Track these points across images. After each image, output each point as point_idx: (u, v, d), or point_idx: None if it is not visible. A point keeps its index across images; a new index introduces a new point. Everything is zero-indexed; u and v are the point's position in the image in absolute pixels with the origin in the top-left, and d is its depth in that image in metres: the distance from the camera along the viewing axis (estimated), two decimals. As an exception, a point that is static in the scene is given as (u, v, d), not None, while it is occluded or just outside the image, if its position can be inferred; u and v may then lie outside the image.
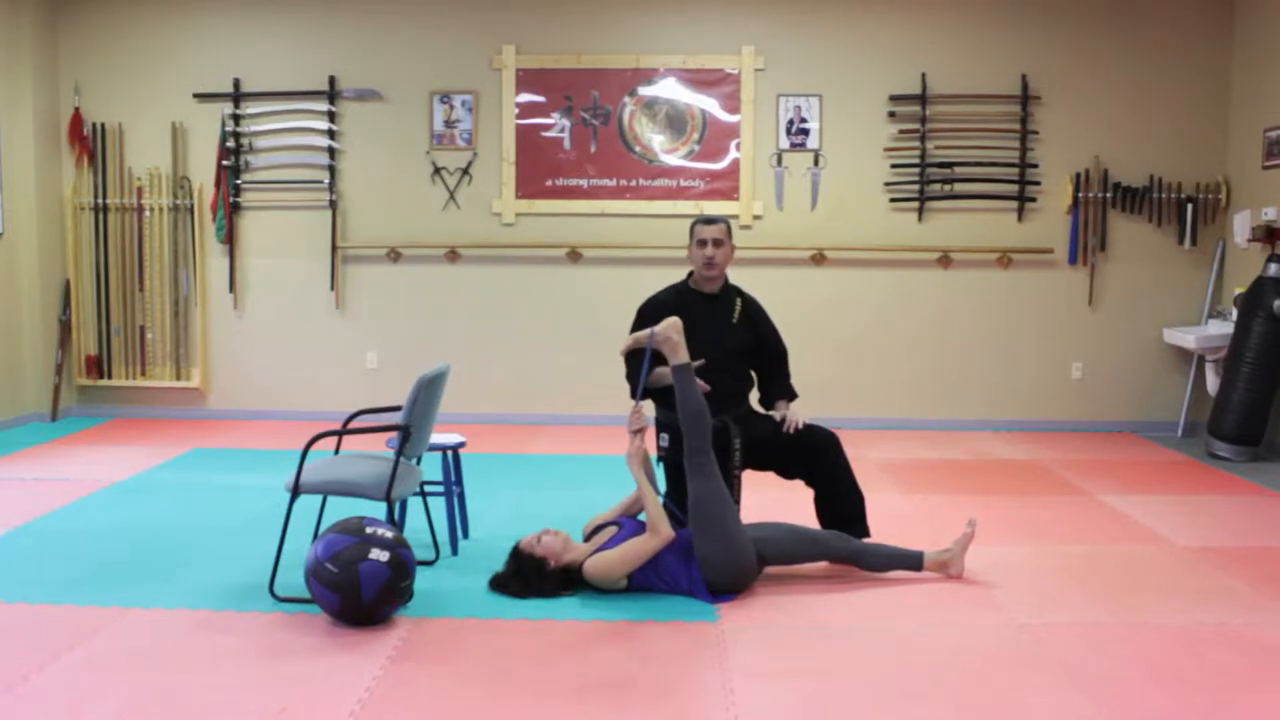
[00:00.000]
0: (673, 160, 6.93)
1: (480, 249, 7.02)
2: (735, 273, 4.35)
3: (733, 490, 3.87)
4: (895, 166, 6.88)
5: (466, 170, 7.00)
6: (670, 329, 3.75)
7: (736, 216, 6.82)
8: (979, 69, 6.82)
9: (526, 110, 6.96)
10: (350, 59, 6.97)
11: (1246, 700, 2.86)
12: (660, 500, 3.68)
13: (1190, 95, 6.80)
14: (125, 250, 7.12)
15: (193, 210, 7.07)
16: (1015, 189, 6.85)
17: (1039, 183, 6.86)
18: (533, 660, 3.09)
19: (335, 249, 7.04)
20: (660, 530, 3.57)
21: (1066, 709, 2.80)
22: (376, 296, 7.11)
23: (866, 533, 4.03)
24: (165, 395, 7.22)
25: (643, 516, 3.73)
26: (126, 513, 4.72)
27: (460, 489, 4.32)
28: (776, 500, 4.39)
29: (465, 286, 7.06)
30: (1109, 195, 6.83)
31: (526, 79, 6.94)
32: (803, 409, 4.20)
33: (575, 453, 6.18)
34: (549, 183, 6.98)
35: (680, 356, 3.73)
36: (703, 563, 3.58)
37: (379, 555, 3.27)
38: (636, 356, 3.91)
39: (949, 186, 6.87)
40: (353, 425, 3.88)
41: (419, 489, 4.05)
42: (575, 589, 3.63)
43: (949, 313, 6.96)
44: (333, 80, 6.97)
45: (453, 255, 7.03)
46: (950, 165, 6.85)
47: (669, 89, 6.92)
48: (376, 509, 3.84)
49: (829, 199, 6.93)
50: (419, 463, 3.95)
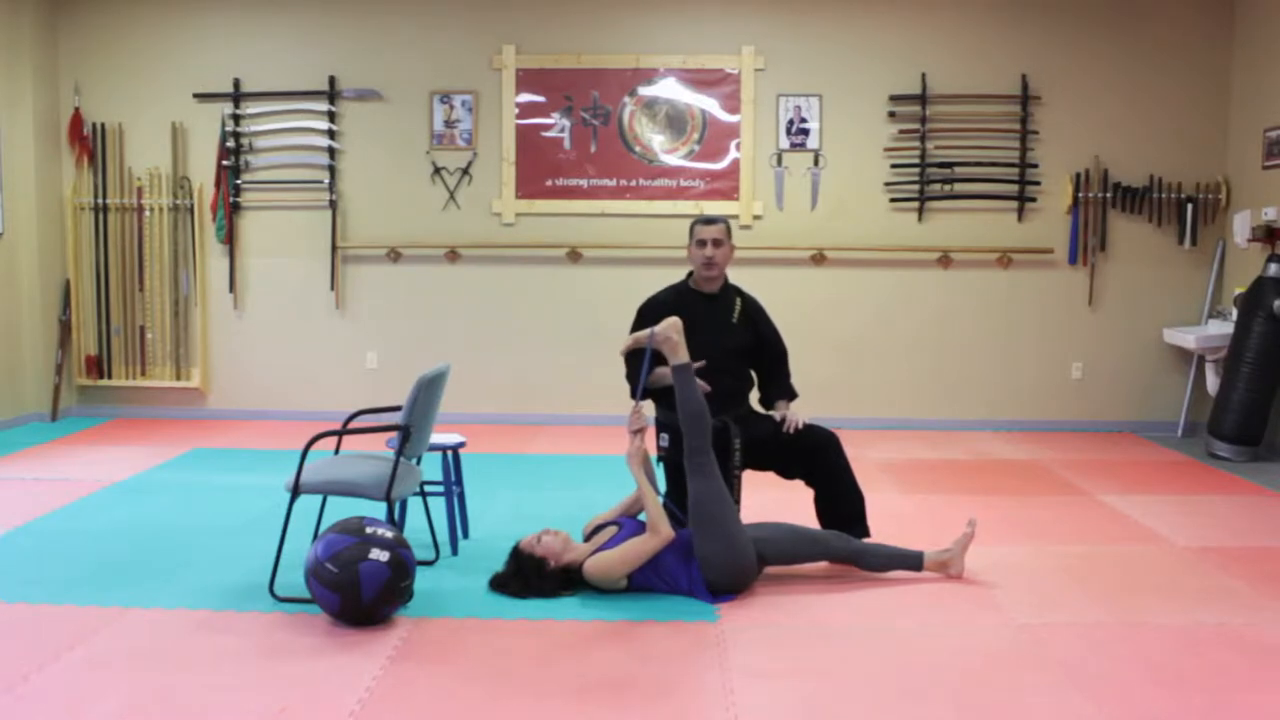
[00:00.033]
0: (673, 160, 6.93)
1: (480, 249, 7.02)
2: (735, 273, 4.35)
3: (733, 490, 3.87)
4: (895, 166, 6.88)
5: (466, 170, 7.00)
6: (670, 329, 3.76)
7: (736, 216, 6.82)
8: (979, 69, 6.82)
9: (526, 110, 6.96)
10: (350, 59, 6.98)
11: (1246, 700, 2.86)
12: (660, 500, 3.68)
13: (1190, 95, 6.80)
14: (125, 250, 7.12)
15: (193, 210, 7.07)
16: (1015, 189, 6.85)
17: (1039, 183, 6.86)
18: (533, 660, 3.09)
19: (335, 249, 7.04)
20: (660, 530, 3.57)
21: (1066, 709, 2.80)
22: (376, 296, 7.11)
23: (866, 533, 4.03)
24: (165, 395, 7.23)
25: (643, 516, 3.73)
26: (126, 513, 4.72)
27: (460, 489, 4.32)
28: (776, 500, 4.39)
29: (465, 286, 7.06)
30: (1109, 195, 6.83)
31: (526, 79, 6.94)
32: (803, 409, 4.20)
33: (575, 453, 6.18)
34: (549, 183, 6.98)
35: (680, 356, 3.74)
36: (703, 563, 3.58)
37: (379, 555, 3.27)
38: (636, 356, 3.91)
39: (949, 186, 6.87)
40: (353, 425, 3.88)
41: (419, 489, 4.05)
42: (575, 589, 3.63)
43: (949, 313, 6.97)
44: (333, 80, 6.97)
45: (453, 255, 7.03)
46: (950, 165, 6.85)
47: (669, 89, 6.92)
48: (376, 509, 3.84)
49: (829, 199, 6.93)
50: (419, 463, 3.95)
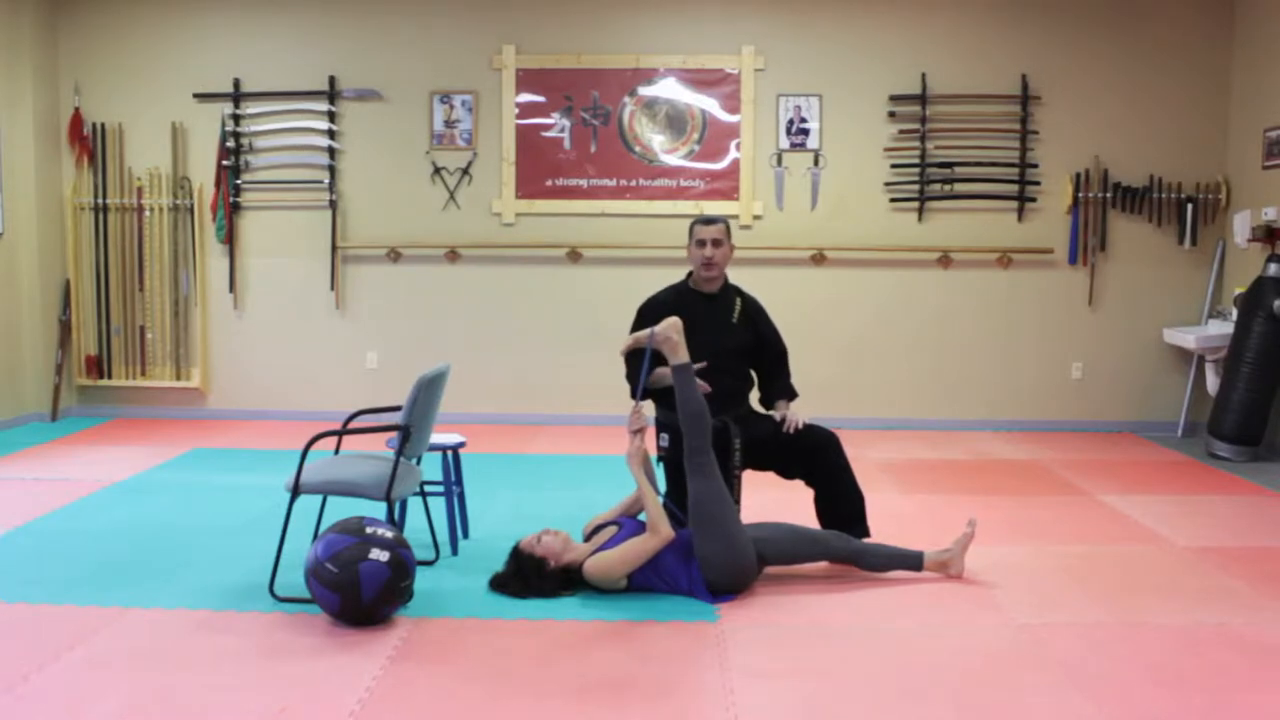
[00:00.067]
0: (673, 160, 6.93)
1: (480, 249, 7.02)
2: (735, 273, 4.35)
3: (733, 490, 3.87)
4: (895, 166, 6.88)
5: (466, 170, 7.00)
6: (670, 329, 3.75)
7: (736, 216, 6.82)
8: (979, 69, 6.82)
9: (526, 110, 6.96)
10: (350, 59, 6.97)
11: (1246, 700, 2.86)
12: (660, 500, 3.68)
13: (1190, 95, 6.80)
14: (125, 250, 7.12)
15: (193, 210, 7.07)
16: (1015, 189, 6.85)
17: (1039, 183, 6.86)
18: (533, 660, 3.09)
19: (335, 249, 7.04)
20: (660, 530, 3.57)
21: (1066, 709, 2.80)
22: (376, 296, 7.11)
23: (866, 533, 4.03)
24: (165, 395, 7.23)
25: (643, 516, 3.73)
26: (126, 513, 4.72)
27: (460, 489, 4.32)
28: (776, 500, 4.39)
29: (465, 286, 7.06)
30: (1109, 195, 6.83)
31: (526, 79, 6.94)
32: (803, 409, 4.20)
33: (575, 453, 6.18)
34: (549, 183, 6.98)
35: (680, 356, 3.74)
36: (703, 563, 3.58)
37: (379, 555, 3.27)
38: (636, 356, 3.91)
39: (949, 186, 6.87)
40: (353, 425, 3.88)
41: (419, 489, 4.05)
42: (575, 589, 3.63)
43: (949, 313, 6.96)
44: (333, 80, 6.97)
45: (453, 255, 7.03)
46: (950, 165, 6.85)
47: (669, 89, 6.92)
48: (376, 509, 3.84)
49: (829, 199, 6.93)
50: (419, 463, 3.95)
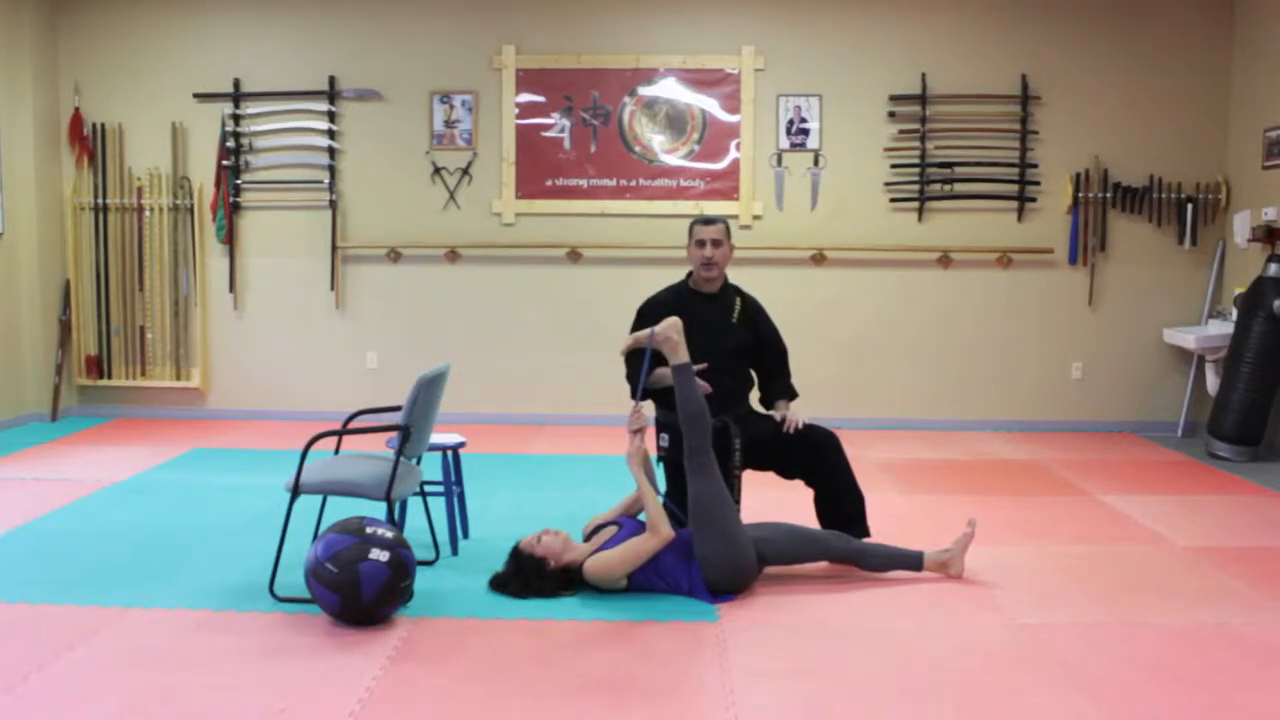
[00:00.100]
0: (673, 160, 6.93)
1: (480, 249, 7.02)
2: (735, 273, 4.35)
3: (733, 490, 3.87)
4: (895, 166, 6.88)
5: (466, 170, 7.00)
6: (670, 329, 3.76)
7: (736, 216, 6.82)
8: (979, 69, 6.82)
9: (526, 110, 6.96)
10: (350, 59, 6.97)
11: (1246, 700, 2.86)
12: (660, 500, 3.68)
13: (1190, 95, 6.80)
14: (125, 250, 7.12)
15: (193, 210, 7.07)
16: (1015, 189, 6.85)
17: (1039, 183, 6.86)
18: (532, 660, 3.09)
19: (335, 249, 7.04)
20: (660, 530, 3.57)
21: (1066, 709, 2.80)
22: (376, 296, 7.11)
23: (866, 533, 4.03)
24: (165, 395, 7.22)
25: (643, 516, 3.73)
26: (126, 513, 4.72)
27: (460, 489, 4.32)
28: (776, 500, 4.39)
29: (465, 286, 7.06)
30: (1109, 195, 6.83)
31: (526, 79, 6.93)
32: (803, 409, 4.20)
33: (575, 453, 6.18)
34: (549, 183, 6.98)
35: (680, 356, 3.74)
36: (703, 563, 3.58)
37: (379, 555, 3.27)
38: (636, 356, 3.91)
39: (949, 186, 6.87)
40: (353, 425, 3.88)
41: (419, 489, 4.05)
42: (575, 589, 3.64)
43: (949, 313, 6.96)
44: (333, 80, 6.97)
45: (453, 255, 7.03)
46: (950, 165, 6.85)
47: (669, 89, 6.92)
48: (376, 509, 3.84)
49: (829, 199, 6.93)
50: (419, 463, 3.95)
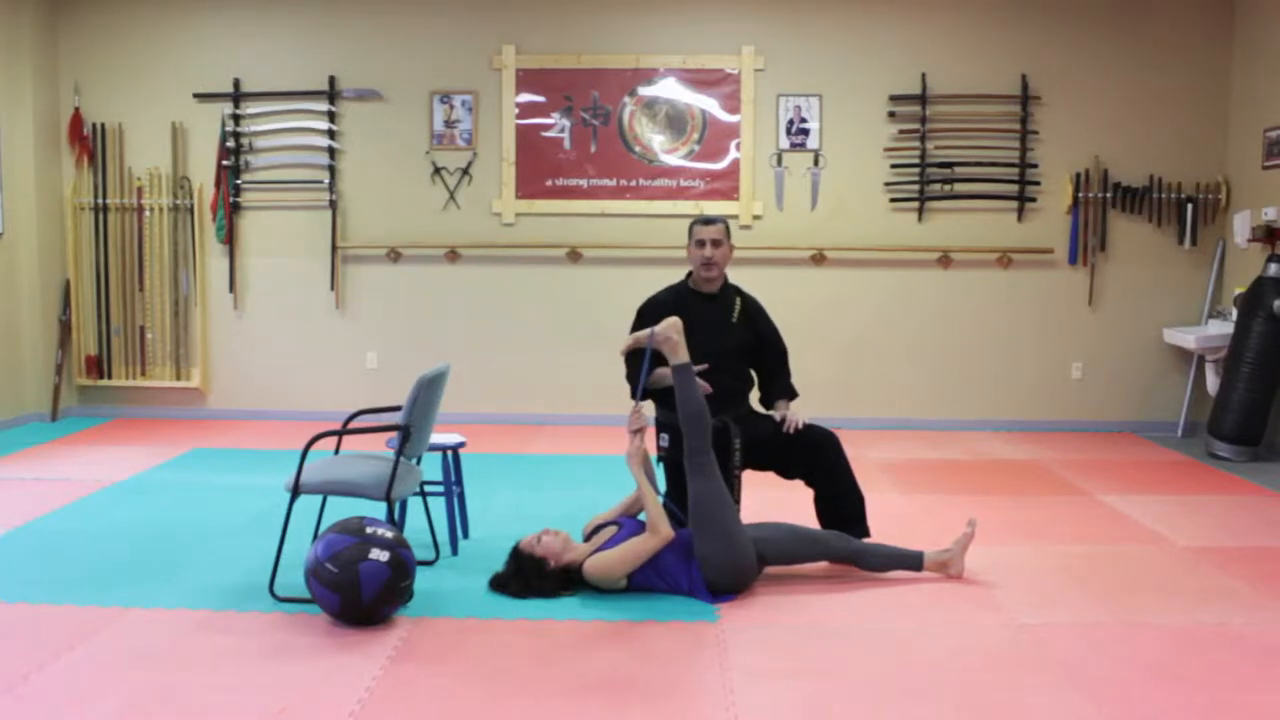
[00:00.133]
0: (673, 160, 6.93)
1: (480, 249, 7.02)
2: (735, 273, 4.35)
3: (733, 490, 3.87)
4: (895, 166, 6.88)
5: (466, 170, 7.00)
6: (670, 329, 3.76)
7: (736, 216, 6.82)
8: (979, 69, 6.82)
9: (526, 110, 6.96)
10: (350, 59, 6.97)
11: (1246, 700, 2.86)
12: (660, 500, 3.68)
13: (1190, 95, 6.80)
14: (125, 250, 7.12)
15: (193, 210, 7.07)
16: (1015, 189, 6.85)
17: (1039, 183, 6.86)
18: (532, 660, 3.09)
19: (335, 249, 7.04)
20: (660, 530, 3.57)
21: (1066, 709, 2.80)
22: (376, 296, 7.11)
23: (866, 533, 4.03)
24: (165, 395, 7.22)
25: (643, 516, 3.73)
26: (126, 513, 4.72)
27: (460, 489, 4.32)
28: (776, 500, 4.39)
29: (465, 286, 7.06)
30: (1109, 195, 6.83)
31: (526, 79, 6.93)
32: (803, 409, 4.20)
33: (575, 453, 6.18)
34: (549, 183, 6.98)
35: (680, 356, 3.74)
36: (703, 563, 3.58)
37: (379, 555, 3.27)
38: (636, 357, 3.91)
39: (949, 186, 6.87)
40: (353, 425, 3.88)
41: (419, 489, 4.05)
42: (575, 589, 3.64)
43: (949, 313, 6.96)
44: (333, 80, 6.97)
45: (453, 255, 7.03)
46: (950, 165, 6.85)
47: (669, 89, 6.92)
48: (376, 509, 3.84)
49: (829, 199, 6.93)
50: (419, 463, 3.95)
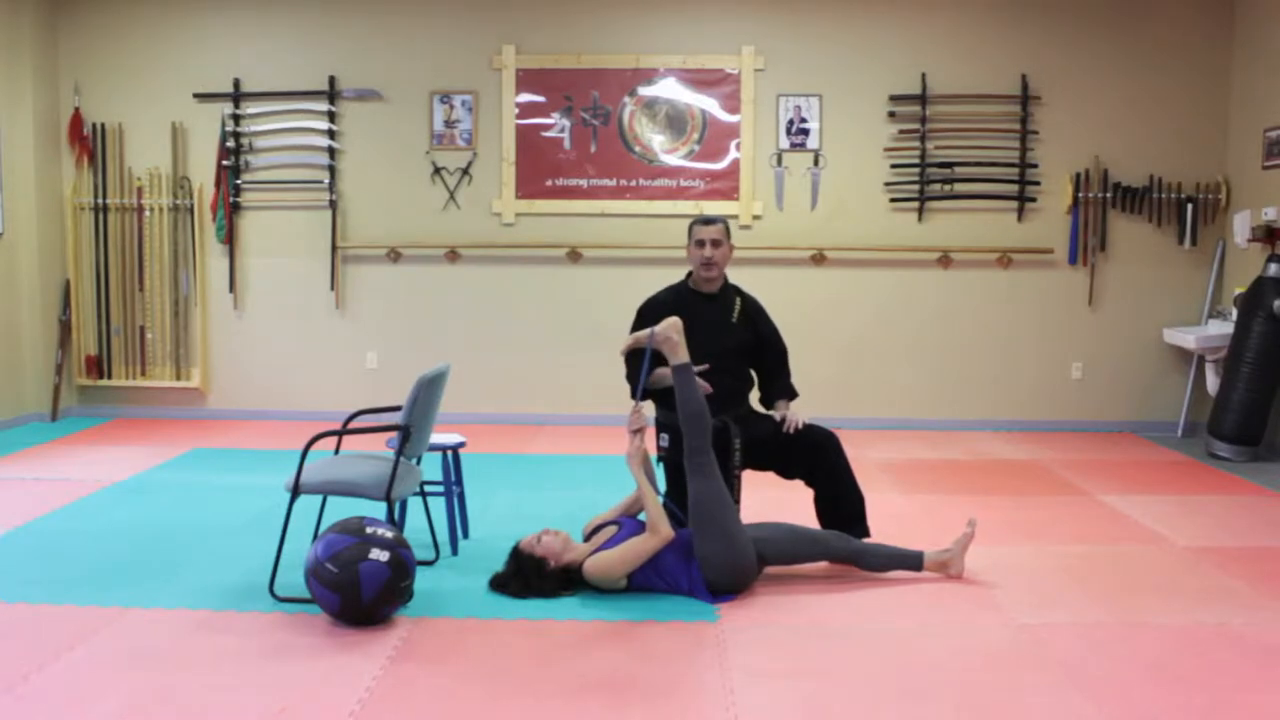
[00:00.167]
0: (673, 160, 6.93)
1: (480, 249, 7.02)
2: (735, 273, 4.35)
3: (733, 490, 3.87)
4: (895, 166, 6.88)
5: (466, 170, 7.00)
6: (670, 329, 3.76)
7: (736, 216, 6.82)
8: (979, 69, 6.82)
9: (526, 110, 6.96)
10: (350, 59, 6.97)
11: (1246, 700, 2.86)
12: (660, 500, 3.68)
13: (1190, 95, 6.80)
14: (125, 250, 7.12)
15: (193, 210, 7.07)
16: (1015, 189, 6.85)
17: (1039, 183, 6.86)
18: (532, 660, 3.09)
19: (335, 249, 7.04)
20: (660, 530, 3.57)
21: (1066, 709, 2.80)
22: (376, 296, 7.11)
23: (866, 533, 4.03)
24: (165, 395, 7.22)
25: (643, 516, 3.73)
26: (126, 513, 4.72)
27: (460, 489, 4.32)
28: (776, 500, 4.39)
29: (465, 286, 7.06)
30: (1109, 195, 6.83)
31: (526, 79, 6.93)
32: (803, 409, 4.20)
33: (575, 453, 6.18)
34: (549, 183, 6.98)
35: (680, 356, 3.74)
36: (703, 563, 3.58)
37: (379, 555, 3.27)
38: (636, 357, 3.91)
39: (949, 186, 6.87)
40: (353, 425, 3.88)
41: (419, 489, 4.05)
42: (575, 589, 3.64)
43: (949, 313, 6.96)
44: (333, 80, 6.97)
45: (453, 255, 7.03)
46: (950, 165, 6.85)
47: (669, 89, 6.92)
48: (376, 509, 3.84)
49: (829, 199, 6.93)
50: (419, 463, 3.95)
